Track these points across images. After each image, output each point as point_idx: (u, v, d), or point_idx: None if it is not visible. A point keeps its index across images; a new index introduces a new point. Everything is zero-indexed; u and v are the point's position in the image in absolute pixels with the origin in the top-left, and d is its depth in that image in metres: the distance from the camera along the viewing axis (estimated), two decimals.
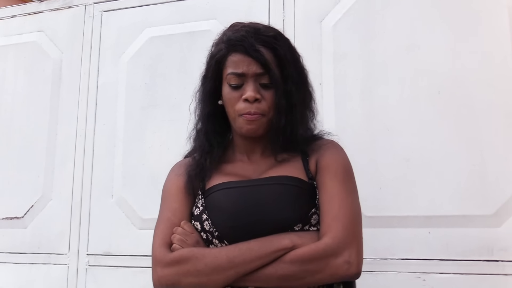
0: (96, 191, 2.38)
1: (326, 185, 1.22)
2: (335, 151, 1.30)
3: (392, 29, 2.04)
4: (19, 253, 2.47)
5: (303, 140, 1.30)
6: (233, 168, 1.31)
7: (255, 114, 1.23)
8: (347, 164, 1.29)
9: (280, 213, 1.18)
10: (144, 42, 2.44)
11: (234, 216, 1.19)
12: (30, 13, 2.73)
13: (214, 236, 1.20)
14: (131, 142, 2.37)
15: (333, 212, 1.17)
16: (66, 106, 2.53)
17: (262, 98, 1.24)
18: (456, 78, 1.92)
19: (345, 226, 1.15)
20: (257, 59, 1.22)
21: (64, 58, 2.59)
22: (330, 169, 1.24)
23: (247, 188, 1.23)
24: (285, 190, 1.21)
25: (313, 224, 1.20)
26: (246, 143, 1.32)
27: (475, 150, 1.86)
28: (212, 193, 1.26)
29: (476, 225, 1.81)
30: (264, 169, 1.28)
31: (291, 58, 1.28)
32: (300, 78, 1.31)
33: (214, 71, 1.30)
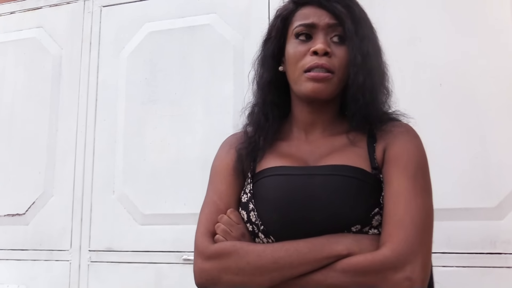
0: (97, 187, 2.38)
1: (392, 181, 1.03)
2: (408, 139, 1.11)
3: (393, 22, 2.02)
4: (21, 249, 2.46)
5: (373, 117, 1.11)
6: (288, 148, 1.16)
7: (324, 69, 1.07)
8: (421, 157, 1.09)
9: (335, 211, 1.01)
10: (144, 37, 2.43)
11: (282, 209, 1.05)
12: (29, 9, 2.72)
13: (260, 229, 1.07)
14: (132, 137, 2.36)
15: (397, 216, 0.98)
16: (66, 102, 2.52)
17: (333, 54, 1.09)
18: (457, 71, 1.91)
19: (409, 235, 0.96)
20: (331, 10, 1.09)
21: (63, 54, 2.58)
22: (399, 161, 1.05)
23: (300, 177, 1.07)
24: (343, 183, 1.04)
25: (375, 226, 1.02)
26: (307, 115, 1.16)
27: (477, 143, 1.85)
28: (261, 179, 1.11)
29: (479, 218, 1.80)
30: (322, 153, 1.11)
31: (367, 20, 1.15)
32: (376, 45, 1.17)
33: (278, 30, 1.17)
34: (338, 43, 1.10)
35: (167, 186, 2.25)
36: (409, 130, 1.14)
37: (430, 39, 1.96)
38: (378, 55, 1.15)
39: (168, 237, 2.20)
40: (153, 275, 2.19)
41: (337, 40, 1.10)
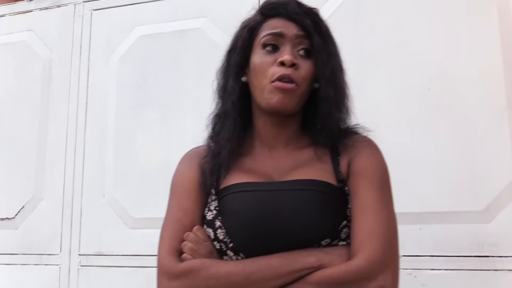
0: (87, 191, 2.37)
1: (359, 194, 1.04)
2: (372, 152, 1.13)
3: (382, 26, 2.04)
4: (10, 254, 2.45)
5: (335, 131, 1.12)
6: (252, 163, 1.14)
7: (290, 82, 1.06)
8: (385, 169, 1.12)
9: (304, 225, 1.01)
10: (134, 41, 2.43)
11: (252, 225, 1.03)
12: (19, 12, 2.71)
13: (229, 247, 1.04)
14: (122, 141, 2.36)
15: (367, 227, 1.00)
16: (56, 106, 2.51)
17: (299, 66, 1.08)
18: (445, 75, 1.93)
19: (381, 244, 0.98)
20: (299, 22, 1.09)
21: (54, 58, 2.58)
22: (365, 174, 1.07)
23: (267, 192, 1.06)
24: (311, 198, 1.04)
25: (343, 239, 1.03)
26: (270, 129, 1.15)
27: (465, 147, 1.86)
28: (227, 195, 1.09)
29: (467, 221, 1.82)
30: (287, 168, 1.11)
31: (333, 38, 1.17)
32: (341, 62, 1.17)
33: (245, 40, 1.16)
34: (305, 56, 1.11)
35: (157, 190, 2.24)
36: (371, 143, 1.16)
37: (419, 44, 1.98)
38: (342, 73, 1.17)
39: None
40: (144, 279, 2.19)
41: (303, 54, 1.11)
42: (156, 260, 1.09)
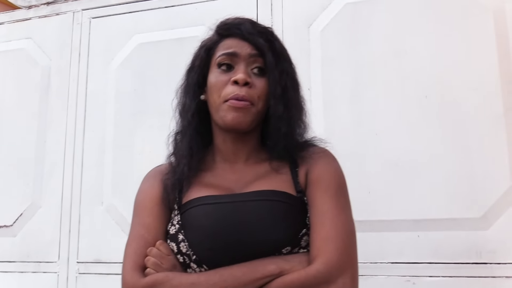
0: (85, 199, 2.37)
1: (316, 201, 1.08)
2: (328, 161, 1.16)
3: (379, 34, 2.05)
4: (9, 261, 2.45)
5: (293, 145, 1.16)
6: (213, 178, 1.17)
7: (243, 100, 1.10)
8: (340, 177, 1.15)
9: (265, 235, 1.03)
10: (133, 49, 2.44)
11: (214, 237, 1.05)
12: (18, 20, 2.72)
13: (192, 259, 1.06)
14: (121, 149, 2.36)
15: (324, 232, 1.03)
16: (55, 113, 2.52)
17: (253, 85, 1.12)
18: (443, 82, 1.94)
19: (338, 248, 1.01)
20: (252, 42, 1.13)
21: (52, 65, 2.58)
22: (321, 182, 1.11)
23: (228, 204, 1.08)
24: (271, 208, 1.07)
25: (303, 246, 1.06)
26: (229, 145, 1.18)
27: (463, 154, 1.87)
28: (189, 209, 1.12)
29: (465, 228, 1.82)
30: (248, 181, 1.14)
31: (287, 55, 1.20)
32: (295, 79, 1.21)
33: (202, 59, 1.20)
34: (259, 74, 1.14)
35: None
36: (326, 153, 1.19)
37: (416, 52, 1.99)
38: (296, 89, 1.20)
39: None
40: None
41: (257, 72, 1.14)
42: (120, 277, 1.11)
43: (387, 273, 1.86)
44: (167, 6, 2.43)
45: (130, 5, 2.50)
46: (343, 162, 1.95)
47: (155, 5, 2.45)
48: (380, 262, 1.88)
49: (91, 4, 2.58)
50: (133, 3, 2.49)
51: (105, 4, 2.55)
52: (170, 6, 2.42)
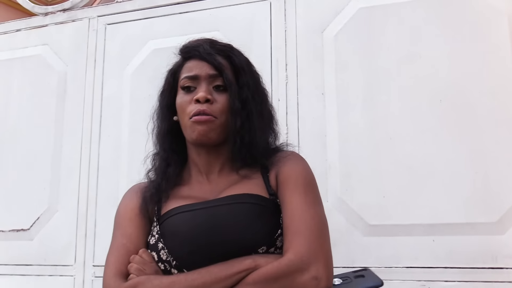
0: (101, 202, 2.40)
1: (286, 199, 1.14)
2: (295, 161, 1.22)
3: (393, 38, 2.06)
4: (26, 265, 2.48)
5: (262, 152, 1.23)
6: (190, 191, 1.23)
7: (205, 114, 1.17)
8: (307, 174, 1.20)
9: (240, 235, 1.09)
10: (148, 54, 2.46)
11: (191, 241, 1.10)
12: (35, 27, 2.76)
13: (172, 265, 1.11)
14: (136, 153, 2.38)
15: (294, 226, 1.09)
16: (71, 118, 2.55)
17: (215, 101, 1.20)
18: (457, 86, 1.94)
19: (308, 239, 1.06)
20: (211, 62, 1.20)
21: (68, 71, 2.62)
22: (289, 181, 1.17)
23: (204, 210, 1.14)
24: (244, 210, 1.12)
25: (279, 247, 1.11)
26: (204, 158, 1.25)
27: (478, 158, 1.87)
28: (166, 219, 1.18)
29: (480, 232, 1.82)
30: (221, 188, 1.20)
31: (247, 68, 1.26)
32: (258, 90, 1.27)
33: (169, 83, 1.30)
34: (220, 91, 1.22)
35: None
36: (294, 155, 1.26)
37: (430, 56, 1.99)
38: (259, 101, 1.26)
39: None
40: None
41: (218, 89, 1.22)
42: (102, 285, 1.16)
43: (402, 277, 1.86)
44: (182, 12, 2.45)
45: (145, 11, 2.53)
46: (357, 166, 1.97)
47: (170, 12, 2.47)
48: (395, 267, 1.88)
49: (106, 11, 2.61)
50: (147, 9, 2.52)
51: (120, 10, 2.58)
52: (184, 12, 2.45)
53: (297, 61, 2.18)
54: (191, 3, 2.44)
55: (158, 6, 2.50)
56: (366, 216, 1.94)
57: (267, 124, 1.28)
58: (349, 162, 2.00)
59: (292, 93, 2.16)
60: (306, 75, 2.15)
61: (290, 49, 2.20)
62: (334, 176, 2.01)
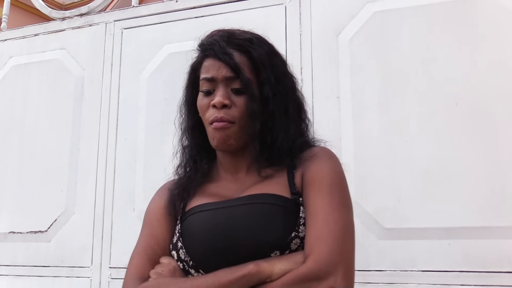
0: (118, 205, 2.42)
1: (310, 201, 1.08)
2: (323, 160, 1.14)
3: (408, 41, 2.05)
4: (43, 266, 2.51)
5: (287, 151, 1.16)
6: (216, 188, 1.20)
7: (222, 121, 1.12)
8: (336, 173, 1.13)
9: (254, 237, 1.04)
10: (164, 58, 2.48)
11: (206, 241, 1.08)
12: (52, 31, 2.80)
13: (189, 265, 1.10)
14: (152, 156, 2.41)
15: (316, 231, 1.03)
16: (88, 122, 2.58)
17: (233, 105, 1.13)
18: (473, 90, 1.93)
19: (329, 247, 1.00)
20: (227, 63, 1.13)
21: (85, 75, 2.65)
22: (314, 182, 1.10)
23: (221, 210, 1.11)
24: (261, 210, 1.07)
25: (293, 250, 1.05)
26: (229, 161, 1.21)
27: (494, 161, 1.86)
28: (187, 217, 1.15)
29: (497, 236, 1.81)
30: (245, 187, 1.16)
31: (268, 62, 1.17)
32: (281, 84, 1.18)
33: (191, 79, 1.25)
34: (239, 93, 1.14)
35: None
36: (323, 151, 1.17)
37: (446, 59, 1.98)
38: (283, 95, 1.18)
39: None
40: None
41: (237, 90, 1.14)
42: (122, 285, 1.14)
43: (417, 281, 1.86)
44: (197, 16, 2.47)
45: (161, 15, 2.55)
46: (373, 169, 1.97)
47: (185, 16, 2.49)
48: (410, 270, 1.88)
49: (123, 15, 2.64)
50: (163, 13, 2.54)
51: (137, 15, 2.61)
52: (200, 17, 2.46)
53: (312, 64, 2.18)
54: (207, 8, 2.46)
55: (174, 11, 2.52)
56: (381, 220, 1.94)
57: (293, 119, 1.19)
58: (364, 165, 2.00)
59: (307, 96, 2.14)
60: (321, 79, 2.16)
61: (305, 52, 2.21)
62: (349, 179, 1.95)
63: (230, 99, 1.13)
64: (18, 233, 2.59)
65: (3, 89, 2.82)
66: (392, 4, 2.10)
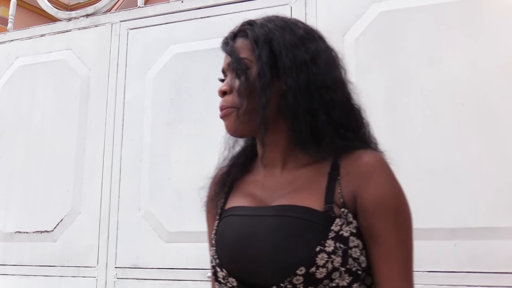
0: (123, 205, 2.43)
1: (377, 238, 0.97)
2: (386, 179, 1.00)
3: (414, 42, 2.05)
4: (49, 266, 2.52)
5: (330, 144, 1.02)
6: (254, 186, 1.13)
7: (222, 109, 1.06)
8: (400, 200, 1.00)
9: (275, 252, 0.97)
10: (169, 59, 2.49)
11: (228, 247, 1.05)
12: (58, 32, 2.81)
13: (216, 263, 1.06)
14: (157, 156, 2.41)
15: (390, 271, 0.96)
16: (94, 122, 2.59)
17: (234, 89, 1.05)
18: (479, 90, 1.92)
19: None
20: (229, 52, 1.07)
21: (91, 75, 2.66)
22: (384, 211, 0.97)
23: (248, 218, 1.05)
24: (284, 224, 0.99)
25: (321, 265, 0.93)
26: (260, 149, 1.11)
27: (500, 161, 1.85)
28: (223, 218, 1.12)
29: (503, 237, 1.80)
30: (280, 192, 1.07)
31: (266, 38, 1.05)
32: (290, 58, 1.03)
33: None
34: (237, 76, 1.06)
35: (191, 204, 2.27)
36: (379, 164, 1.02)
37: (452, 60, 1.98)
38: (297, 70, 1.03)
39: (193, 255, 2.23)
40: None
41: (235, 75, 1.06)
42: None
43: (424, 282, 1.85)
44: (203, 17, 2.47)
45: (167, 16, 2.56)
46: None
47: (191, 16, 2.50)
48: (416, 271, 1.84)
49: (128, 16, 2.65)
50: (169, 14, 2.55)
51: (142, 15, 2.61)
52: (205, 17, 2.47)
53: None
54: (212, 8, 2.46)
55: (179, 11, 2.53)
56: None
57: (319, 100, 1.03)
58: None
59: None
60: None
61: None
62: None
63: (231, 85, 1.06)
64: (24, 233, 2.60)
65: (10, 89, 2.84)
66: (397, 4, 2.10)
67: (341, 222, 0.96)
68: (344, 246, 0.94)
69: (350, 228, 0.96)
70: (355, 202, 0.99)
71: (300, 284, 0.93)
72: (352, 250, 0.95)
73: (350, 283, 0.94)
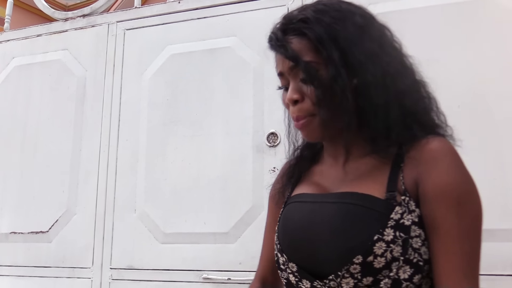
0: (119, 206, 2.42)
1: (439, 224, 0.92)
2: (451, 165, 0.97)
3: (410, 43, 2.03)
4: (44, 267, 2.51)
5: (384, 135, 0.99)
6: (319, 175, 1.12)
7: (298, 120, 1.02)
8: (470, 188, 0.97)
9: (333, 240, 0.94)
10: (166, 60, 2.48)
11: (291, 234, 1.03)
12: (55, 32, 2.81)
13: (277, 248, 1.06)
14: (153, 157, 2.41)
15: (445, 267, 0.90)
16: (90, 123, 2.58)
17: (305, 96, 1.00)
18: (475, 92, 1.92)
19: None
20: (284, 54, 1.01)
21: (88, 76, 2.65)
22: (447, 199, 0.92)
23: (312, 204, 1.03)
24: (345, 211, 0.96)
25: (379, 254, 0.89)
26: (327, 144, 1.11)
27: (497, 164, 1.85)
28: (286, 205, 1.11)
29: (499, 239, 1.80)
30: (344, 180, 1.05)
31: (327, 36, 0.99)
32: (353, 56, 0.99)
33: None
34: (306, 82, 1.01)
35: (187, 205, 2.28)
36: (444, 150, 0.98)
37: (448, 61, 1.98)
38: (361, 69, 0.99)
39: (188, 256, 2.23)
40: None
41: (304, 82, 1.01)
42: None
43: None
44: (199, 17, 2.47)
45: (163, 17, 2.55)
46: None
47: (188, 17, 2.49)
48: None
49: (125, 16, 2.64)
50: (165, 15, 2.55)
51: (139, 16, 2.61)
52: (202, 18, 2.47)
53: None
54: (209, 9, 2.46)
55: (176, 12, 2.53)
56: None
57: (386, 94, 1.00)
58: None
59: None
60: None
61: None
62: None
63: (301, 91, 1.01)
64: (19, 234, 2.59)
65: (6, 89, 2.83)
66: (394, 6, 2.10)
67: (402, 210, 0.92)
68: (404, 235, 0.90)
69: (412, 217, 0.92)
70: (417, 189, 0.95)
71: (358, 273, 0.89)
72: (413, 240, 0.90)
73: (411, 275, 0.89)
